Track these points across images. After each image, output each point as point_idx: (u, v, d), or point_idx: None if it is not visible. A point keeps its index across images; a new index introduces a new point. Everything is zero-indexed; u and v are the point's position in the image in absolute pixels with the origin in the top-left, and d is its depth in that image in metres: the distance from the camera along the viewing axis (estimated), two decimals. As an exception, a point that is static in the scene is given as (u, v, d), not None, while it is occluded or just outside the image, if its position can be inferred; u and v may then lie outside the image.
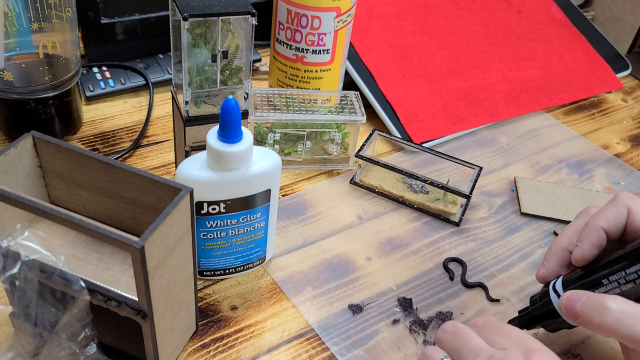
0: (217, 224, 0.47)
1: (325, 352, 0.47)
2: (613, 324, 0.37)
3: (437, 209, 0.61)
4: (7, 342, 0.43)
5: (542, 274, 0.46)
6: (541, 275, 0.46)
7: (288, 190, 0.62)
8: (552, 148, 0.74)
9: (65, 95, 0.62)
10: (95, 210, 0.45)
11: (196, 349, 0.46)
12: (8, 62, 0.58)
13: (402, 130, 0.70)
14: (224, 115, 0.42)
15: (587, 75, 0.86)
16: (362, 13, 0.79)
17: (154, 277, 0.36)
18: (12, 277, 0.36)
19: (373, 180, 0.64)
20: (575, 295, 0.40)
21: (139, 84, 0.73)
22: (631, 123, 0.81)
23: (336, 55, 0.66)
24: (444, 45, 0.81)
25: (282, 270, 0.53)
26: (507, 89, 0.79)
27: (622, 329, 0.37)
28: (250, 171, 0.45)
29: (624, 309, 0.37)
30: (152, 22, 0.75)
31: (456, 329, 0.40)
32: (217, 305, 0.50)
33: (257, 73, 0.81)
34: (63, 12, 0.58)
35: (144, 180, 0.40)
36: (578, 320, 0.40)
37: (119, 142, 0.66)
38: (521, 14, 0.89)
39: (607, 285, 0.40)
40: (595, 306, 0.38)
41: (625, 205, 0.43)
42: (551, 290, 0.44)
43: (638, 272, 0.39)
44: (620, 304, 0.37)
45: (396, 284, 0.54)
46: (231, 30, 0.51)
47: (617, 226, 0.42)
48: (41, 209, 0.35)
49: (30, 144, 0.42)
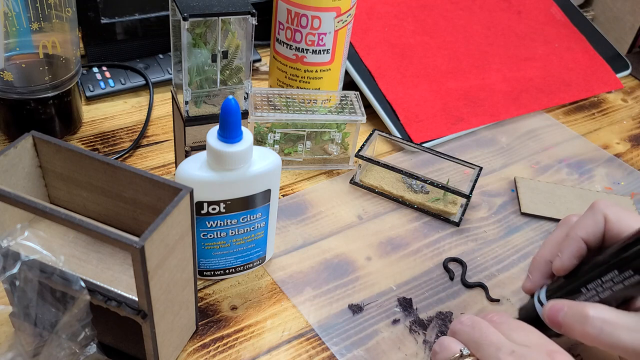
0: (217, 224, 0.47)
1: (325, 352, 0.47)
2: (595, 333, 0.37)
3: (437, 209, 0.61)
4: (7, 342, 0.43)
5: (527, 287, 0.46)
6: (527, 288, 0.46)
7: (288, 190, 0.62)
8: (552, 148, 0.74)
9: (65, 95, 0.62)
10: (95, 210, 0.45)
11: (196, 349, 0.46)
12: (8, 62, 0.58)
13: (402, 130, 0.70)
14: (224, 115, 0.42)
15: (587, 75, 0.86)
16: (362, 13, 0.79)
17: (154, 277, 0.36)
18: (12, 277, 0.36)
19: (373, 180, 0.64)
20: (557, 305, 0.40)
21: (139, 84, 0.73)
22: (631, 123, 0.81)
23: (336, 55, 0.66)
24: (444, 45, 0.81)
25: (282, 270, 0.53)
26: (507, 89, 0.79)
27: (603, 338, 0.37)
28: (250, 171, 0.45)
29: (605, 317, 0.37)
30: (152, 22, 0.75)
31: (475, 322, 0.40)
32: (217, 305, 0.50)
33: (257, 73, 0.81)
34: (63, 12, 0.58)
35: (144, 180, 0.40)
36: (562, 330, 0.40)
37: (119, 142, 0.66)
38: (521, 14, 0.89)
39: (586, 293, 0.41)
40: (576, 316, 0.39)
41: (601, 213, 0.43)
42: (536, 301, 0.45)
43: (613, 280, 0.39)
44: (601, 312, 0.38)
45: (396, 284, 0.54)
46: (231, 30, 0.51)
47: (595, 235, 0.43)
48: (41, 209, 0.35)
49: (30, 144, 0.42)
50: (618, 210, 0.43)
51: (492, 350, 0.37)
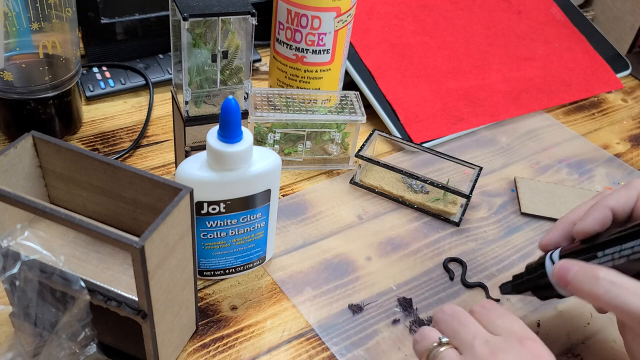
0: (217, 224, 0.47)
1: (325, 352, 0.47)
2: (601, 293, 0.38)
3: (437, 209, 0.61)
4: (7, 342, 0.43)
5: (543, 241, 0.47)
6: (543, 242, 0.47)
7: (288, 190, 0.62)
8: (552, 148, 0.74)
9: (65, 95, 0.62)
10: (95, 210, 0.45)
11: (196, 349, 0.46)
12: (8, 62, 0.58)
13: (402, 130, 0.70)
14: (224, 115, 0.42)
15: (587, 75, 0.86)
16: (362, 13, 0.79)
17: (154, 277, 0.36)
18: (12, 277, 0.36)
19: (373, 180, 0.64)
20: (568, 264, 0.41)
21: (139, 84, 0.73)
22: (631, 123, 0.81)
23: (336, 55, 0.66)
24: (444, 45, 0.81)
25: (282, 270, 0.53)
26: (507, 89, 0.79)
27: (610, 298, 0.38)
28: (250, 171, 0.45)
29: (615, 280, 0.38)
30: (152, 22, 0.75)
31: (455, 312, 0.41)
32: (217, 305, 0.50)
33: (257, 73, 0.81)
34: (63, 12, 0.58)
35: (144, 180, 0.40)
36: (568, 287, 0.40)
37: (119, 142, 0.66)
38: (521, 14, 0.89)
39: (601, 257, 0.41)
40: (587, 275, 0.39)
41: (636, 189, 0.44)
42: (547, 259, 0.45)
43: (633, 248, 0.39)
44: (612, 275, 0.38)
45: (396, 284, 0.54)
46: (231, 30, 0.51)
47: (624, 208, 0.43)
48: (41, 209, 0.35)
49: (30, 144, 0.42)
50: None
51: (469, 339, 0.38)
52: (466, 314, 0.41)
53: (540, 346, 0.37)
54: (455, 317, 0.40)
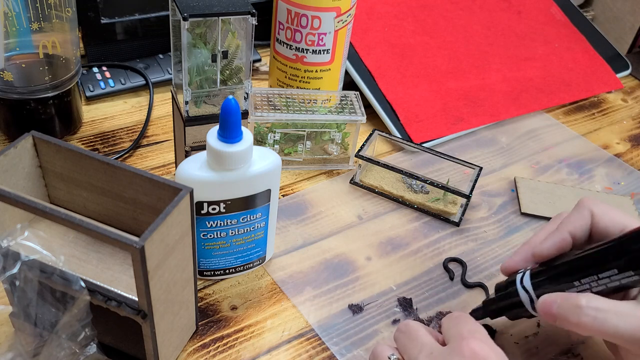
0: (217, 224, 0.47)
1: (325, 352, 0.47)
2: (589, 322, 0.38)
3: (437, 209, 0.61)
4: (7, 342, 0.43)
5: (505, 265, 0.48)
6: (504, 266, 0.48)
7: (288, 190, 0.62)
8: (552, 148, 0.74)
9: (65, 95, 0.62)
10: (95, 210, 0.45)
11: (196, 349, 0.46)
12: (8, 62, 0.58)
13: (402, 130, 0.70)
14: (224, 115, 0.42)
15: (587, 75, 0.86)
16: (362, 13, 0.79)
17: (154, 277, 0.36)
18: (12, 277, 0.36)
19: (373, 180, 0.64)
20: (549, 298, 0.41)
21: (139, 84, 0.73)
22: (631, 123, 0.81)
23: (336, 55, 0.66)
24: (444, 45, 0.81)
25: (282, 270, 0.53)
26: (507, 89, 0.79)
27: (598, 326, 0.38)
28: (250, 171, 0.45)
29: (597, 305, 0.38)
30: (152, 22, 0.75)
31: (407, 328, 0.42)
32: (217, 305, 0.50)
33: (257, 73, 0.81)
34: (63, 12, 0.58)
35: (144, 180, 0.40)
36: (557, 322, 0.41)
37: (119, 142, 0.66)
38: (521, 14, 0.89)
39: (578, 287, 0.41)
40: (570, 307, 0.39)
41: (588, 209, 0.45)
42: (518, 284, 0.45)
43: (610, 277, 0.40)
44: (593, 301, 0.39)
45: (396, 284, 0.54)
46: (231, 30, 0.51)
47: (582, 230, 0.44)
48: (41, 209, 0.35)
49: (30, 144, 0.42)
50: (603, 207, 0.45)
51: (414, 353, 0.40)
52: (417, 328, 0.41)
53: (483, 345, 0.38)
54: (406, 333, 0.41)
